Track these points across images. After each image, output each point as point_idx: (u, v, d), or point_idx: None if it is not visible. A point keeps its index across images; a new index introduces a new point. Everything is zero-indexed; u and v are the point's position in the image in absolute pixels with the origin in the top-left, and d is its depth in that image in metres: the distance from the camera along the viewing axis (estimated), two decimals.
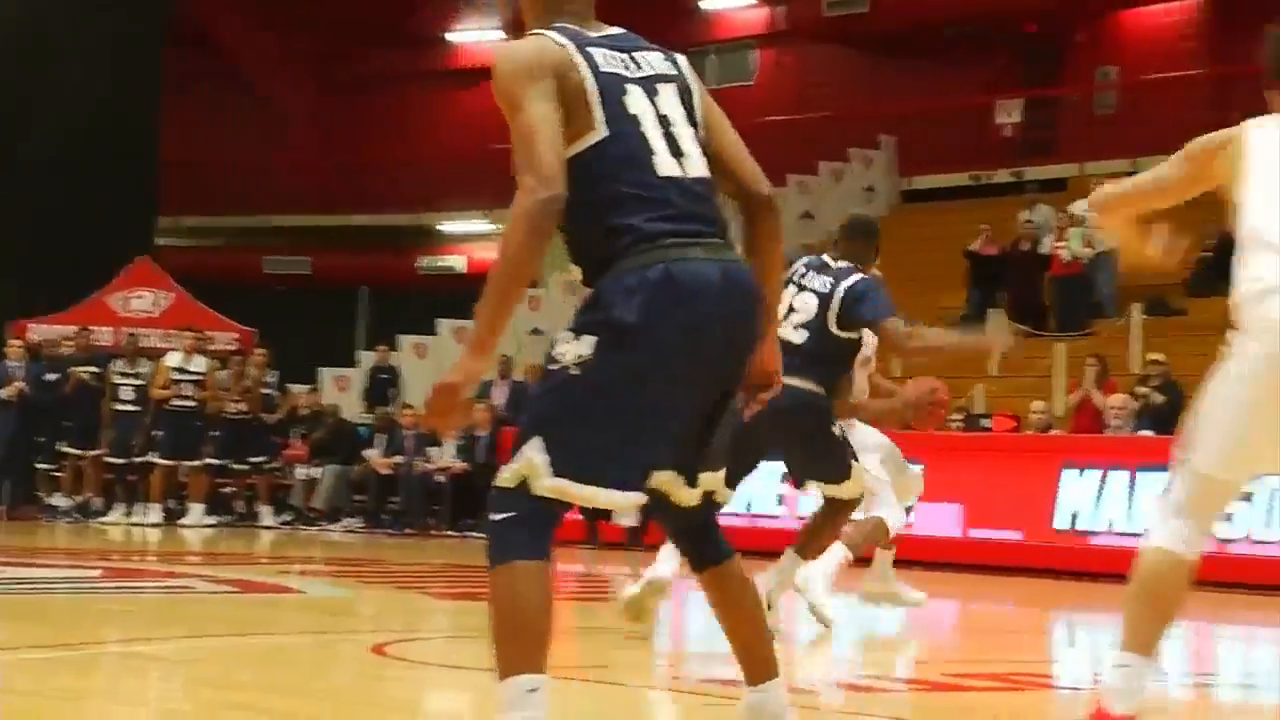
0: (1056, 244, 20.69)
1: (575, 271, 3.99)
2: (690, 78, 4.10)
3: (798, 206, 24.73)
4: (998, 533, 14.25)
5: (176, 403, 19.70)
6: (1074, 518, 13.90)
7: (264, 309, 26.72)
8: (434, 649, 8.15)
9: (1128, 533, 13.49)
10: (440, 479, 19.74)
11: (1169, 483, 4.73)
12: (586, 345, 3.81)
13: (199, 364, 20.04)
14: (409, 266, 32.02)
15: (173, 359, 20.04)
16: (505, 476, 3.84)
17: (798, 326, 8.36)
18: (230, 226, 32.10)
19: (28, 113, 25.34)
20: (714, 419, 4.03)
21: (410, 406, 20.61)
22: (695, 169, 3.99)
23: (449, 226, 32.29)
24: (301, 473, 20.94)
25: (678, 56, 4.14)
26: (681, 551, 4.19)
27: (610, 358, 3.79)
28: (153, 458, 19.76)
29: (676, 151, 3.97)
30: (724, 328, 3.89)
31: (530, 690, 3.75)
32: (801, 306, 8.40)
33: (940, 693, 7.06)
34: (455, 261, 32.22)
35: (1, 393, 20.09)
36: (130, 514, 19.96)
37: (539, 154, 3.79)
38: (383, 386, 22.91)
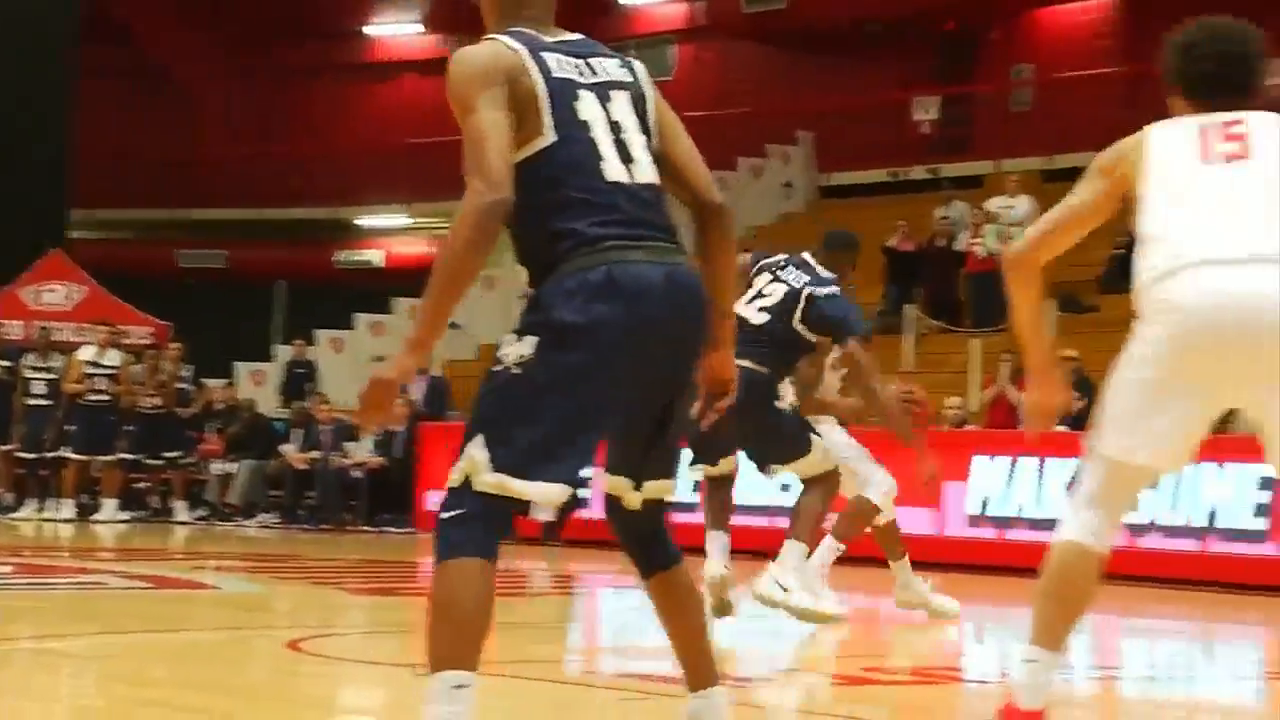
0: (972, 240, 20.83)
1: (522, 273, 4.02)
2: (646, 85, 4.14)
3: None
4: (912, 528, 14.31)
5: (90, 397, 19.52)
6: (984, 504, 14.04)
7: (179, 303, 26.51)
8: (349, 645, 8.14)
9: (1040, 521, 13.63)
10: (357, 474, 19.65)
11: (1080, 474, 4.80)
12: (528, 345, 3.87)
13: (113, 358, 19.88)
14: (326, 261, 31.86)
15: (86, 353, 19.87)
16: (452, 476, 3.91)
17: (761, 309, 8.56)
18: (145, 219, 31.83)
19: None
20: (665, 423, 4.06)
21: (327, 402, 20.53)
22: (644, 175, 4.03)
23: (367, 221, 32.18)
24: (217, 468, 20.79)
25: (635, 63, 4.18)
26: (629, 555, 4.20)
27: (550, 357, 3.84)
28: (65, 453, 19.57)
29: (626, 158, 4.01)
30: (668, 329, 3.93)
31: (457, 686, 3.78)
32: (770, 292, 8.62)
33: (854, 686, 7.11)
34: (373, 256, 32.12)
35: None
36: (43, 510, 19.75)
37: (487, 158, 3.84)
38: (299, 381, 22.76)
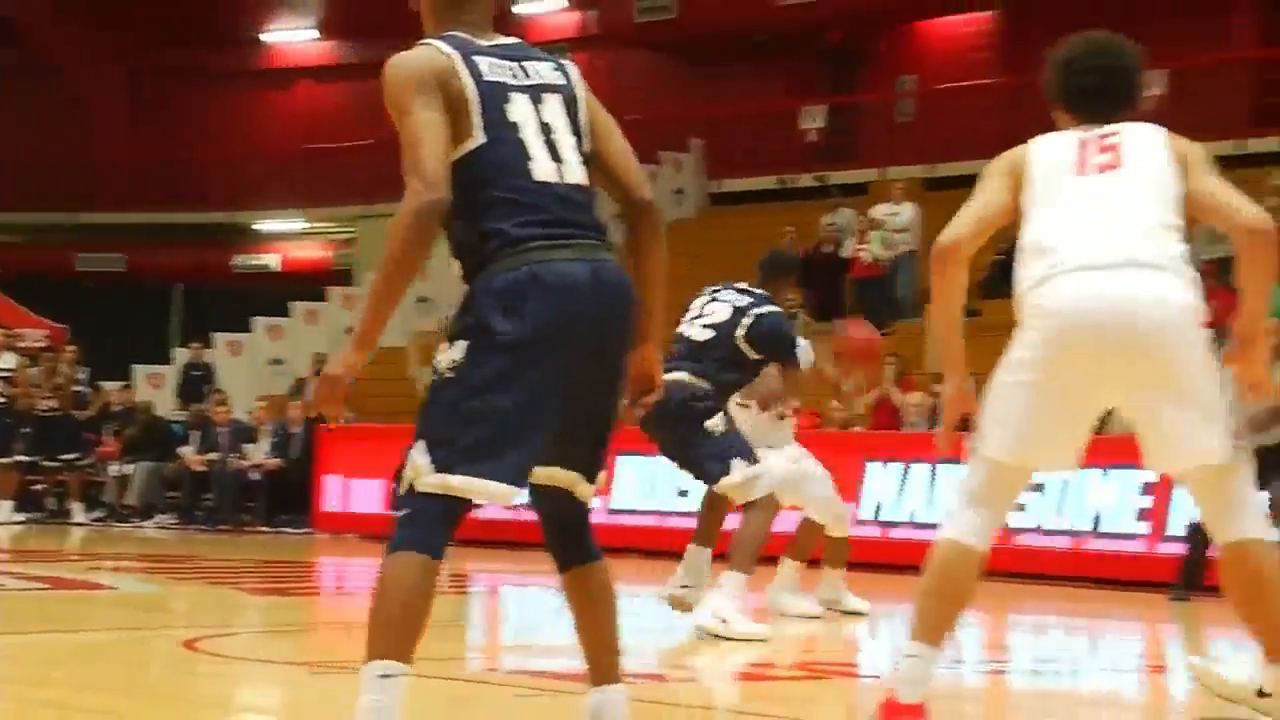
0: (858, 246, 20.97)
1: (456, 266, 4.06)
2: (578, 87, 4.18)
3: (610, 207, 24.78)
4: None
5: None
6: (878, 509, 14.09)
7: (77, 306, 26.23)
8: (246, 644, 8.07)
9: (928, 524, 13.70)
10: (255, 475, 19.49)
11: (964, 475, 4.83)
12: (459, 350, 3.91)
13: (8, 360, 19.67)
14: (224, 264, 31.58)
15: None
16: (399, 482, 3.96)
17: (705, 326, 8.60)
18: (40, 223, 31.39)
19: None
20: (599, 417, 4.07)
21: (225, 403, 20.36)
22: (573, 175, 4.07)
23: (264, 225, 31.93)
24: (114, 469, 20.58)
25: (568, 66, 4.20)
26: (550, 549, 4.20)
27: (479, 359, 3.89)
28: None
29: (556, 158, 4.04)
30: (594, 325, 3.96)
31: (384, 675, 3.83)
32: (712, 311, 8.66)
33: (748, 682, 7.14)
34: (270, 260, 31.90)
35: None
36: None
37: (423, 159, 3.89)
38: (196, 384, 22.60)
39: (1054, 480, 12.72)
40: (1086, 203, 4.71)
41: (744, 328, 8.53)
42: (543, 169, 4.01)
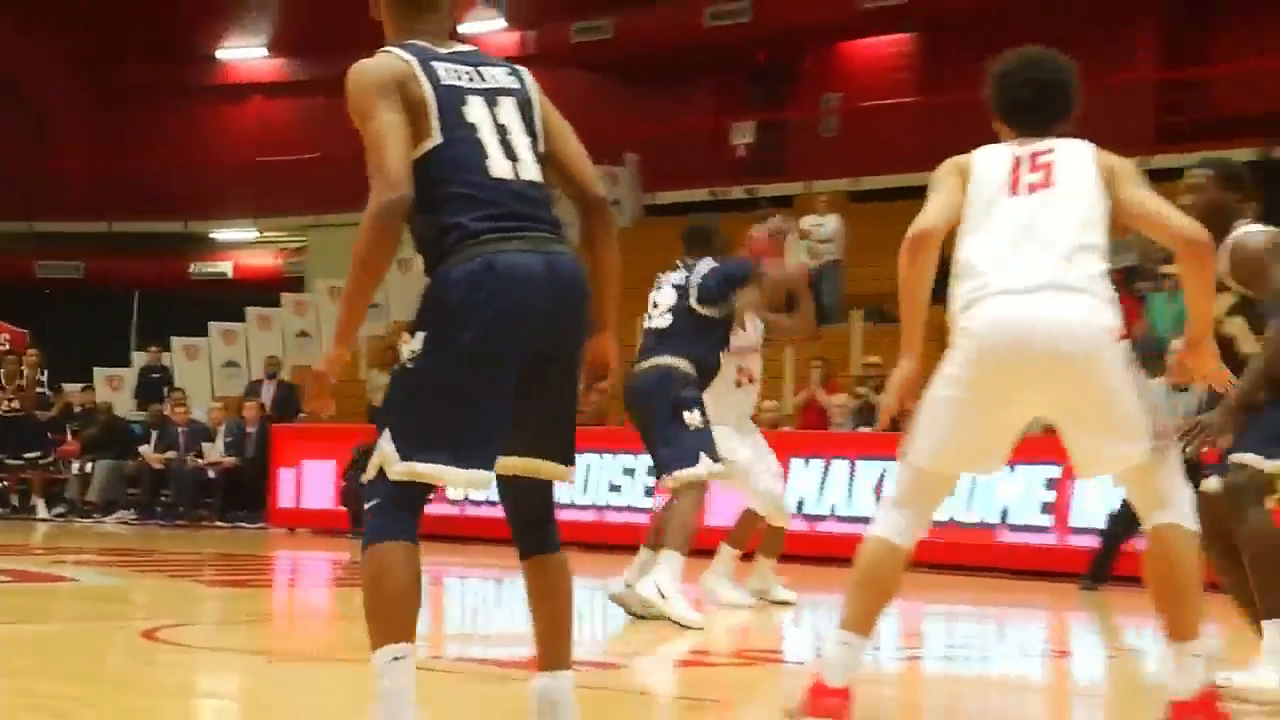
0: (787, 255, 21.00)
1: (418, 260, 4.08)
2: (533, 91, 4.18)
3: (568, 210, 24.76)
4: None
5: None
6: (801, 504, 14.14)
7: (38, 311, 26.01)
8: (203, 634, 8.03)
9: (849, 517, 13.77)
10: (211, 473, 19.39)
11: (893, 478, 4.90)
12: (418, 341, 3.92)
13: None
14: (181, 271, 31.37)
15: None
16: (368, 471, 3.96)
17: (662, 313, 8.70)
18: (1, 232, 31.08)
19: None
20: (560, 403, 4.07)
21: (183, 404, 20.26)
22: (528, 173, 4.07)
23: (219, 234, 31.76)
24: (76, 467, 20.44)
25: (522, 72, 4.21)
26: (515, 537, 4.19)
27: (437, 349, 3.89)
28: None
29: (511, 156, 4.05)
30: (548, 314, 3.96)
31: (394, 659, 3.84)
32: (663, 300, 8.77)
33: (683, 669, 7.16)
34: (225, 267, 31.73)
35: None
36: None
37: (386, 159, 3.90)
38: (155, 385, 22.47)
39: (964, 476, 12.78)
40: (1015, 224, 4.75)
41: (694, 296, 8.67)
42: (499, 167, 4.02)
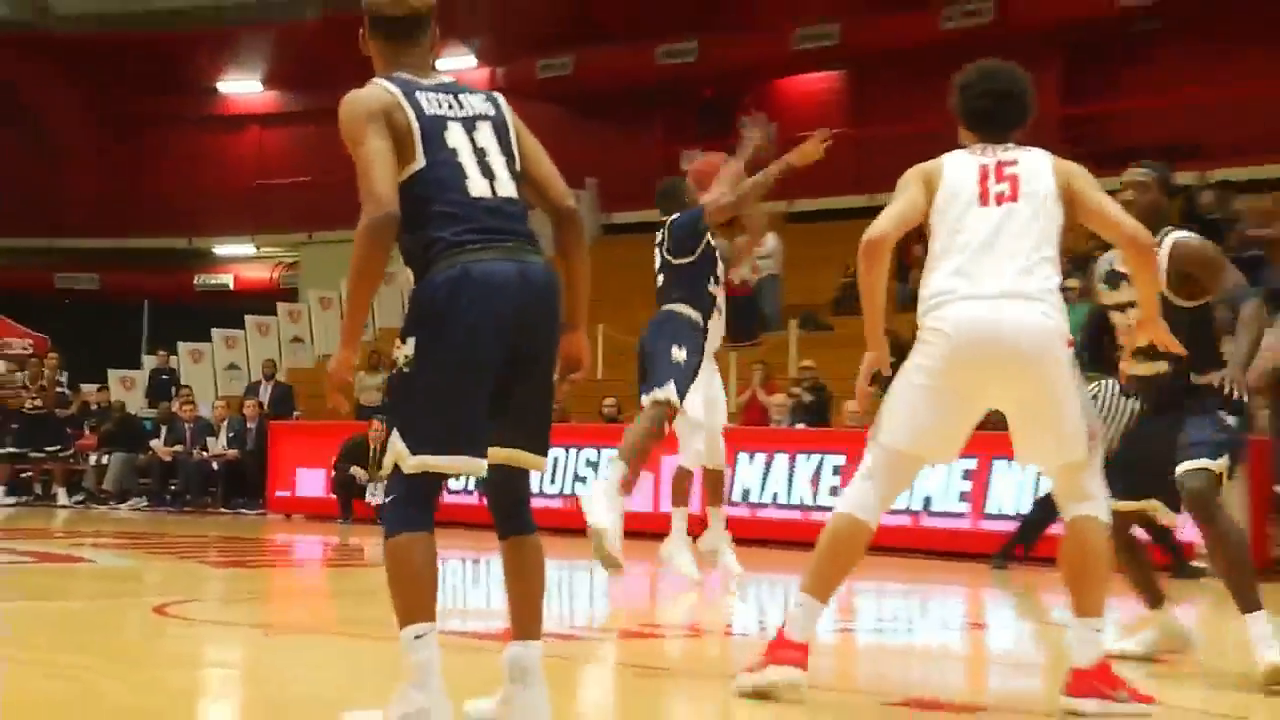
0: (732, 270, 21.00)
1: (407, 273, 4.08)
2: (508, 116, 4.19)
3: (543, 225, 24.75)
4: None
5: None
6: (746, 494, 14.16)
7: (58, 319, 25.87)
8: (209, 609, 7.99)
9: (788, 504, 13.82)
10: (215, 465, 19.31)
11: (864, 460, 4.93)
12: (410, 346, 3.91)
13: None
14: (187, 283, 31.26)
15: None
16: (384, 467, 3.96)
17: (657, 274, 9.04)
18: (24, 247, 30.89)
19: None
20: (536, 398, 4.06)
21: (191, 402, 20.19)
22: (504, 190, 4.07)
23: (221, 250, 31.64)
24: (92, 459, 20.34)
25: (498, 99, 4.22)
26: (495, 520, 4.18)
27: (427, 352, 3.89)
28: None
29: (489, 175, 4.05)
30: (522, 316, 3.95)
31: (418, 636, 3.87)
32: (656, 263, 9.10)
33: (638, 639, 7.15)
34: (226, 279, 31.62)
35: None
36: None
37: (375, 181, 3.90)
38: (164, 386, 22.43)
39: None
40: (982, 235, 4.79)
41: (668, 248, 8.79)
42: (477, 186, 4.02)
